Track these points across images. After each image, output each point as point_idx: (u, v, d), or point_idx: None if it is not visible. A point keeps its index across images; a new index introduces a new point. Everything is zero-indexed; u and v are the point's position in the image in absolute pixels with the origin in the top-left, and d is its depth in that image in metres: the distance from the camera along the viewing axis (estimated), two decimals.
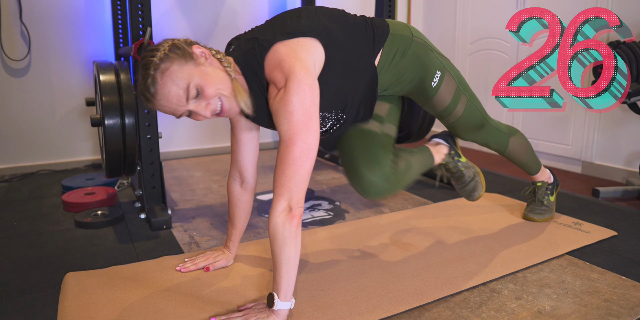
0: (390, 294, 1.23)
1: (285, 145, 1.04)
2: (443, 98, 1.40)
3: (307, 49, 1.11)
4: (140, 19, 1.71)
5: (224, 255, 1.42)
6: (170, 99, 1.05)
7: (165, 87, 1.04)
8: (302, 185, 1.04)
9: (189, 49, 1.09)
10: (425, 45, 1.35)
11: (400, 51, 1.30)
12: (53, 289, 1.31)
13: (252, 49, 1.12)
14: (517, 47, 2.99)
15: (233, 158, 1.35)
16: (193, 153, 3.07)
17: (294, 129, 1.03)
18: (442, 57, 1.39)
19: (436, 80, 1.36)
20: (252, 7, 3.07)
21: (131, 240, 1.66)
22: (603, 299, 1.22)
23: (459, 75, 1.43)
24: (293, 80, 1.04)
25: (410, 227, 1.74)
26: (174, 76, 1.04)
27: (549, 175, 1.81)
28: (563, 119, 2.76)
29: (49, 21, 2.54)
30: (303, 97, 1.03)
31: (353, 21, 1.26)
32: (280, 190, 1.04)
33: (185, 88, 1.05)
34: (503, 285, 1.31)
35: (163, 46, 1.07)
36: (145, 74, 1.05)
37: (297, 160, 1.03)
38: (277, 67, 1.07)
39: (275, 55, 1.09)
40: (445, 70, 1.38)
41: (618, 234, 1.66)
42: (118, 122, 1.62)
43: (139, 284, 1.30)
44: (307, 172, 1.05)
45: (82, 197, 2.00)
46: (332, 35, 1.17)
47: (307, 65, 1.07)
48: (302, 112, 1.03)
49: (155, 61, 1.04)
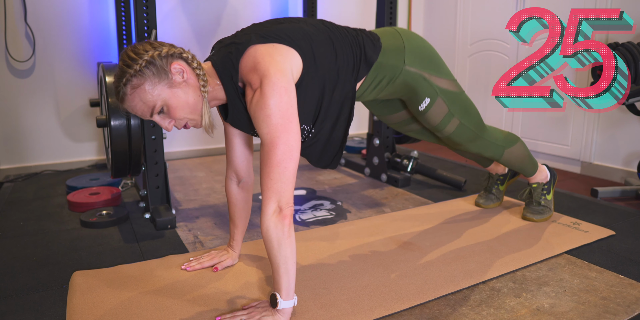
0: (392, 292, 1.26)
1: (267, 148, 1.05)
2: (431, 119, 1.45)
3: (282, 53, 1.10)
4: (145, 21, 1.73)
5: (229, 254, 1.44)
6: (135, 110, 1.11)
7: (133, 101, 1.09)
8: (288, 186, 1.06)
9: (166, 67, 1.08)
10: (417, 74, 1.35)
11: (387, 79, 1.33)
12: (61, 287, 1.33)
13: (229, 53, 1.12)
14: (517, 48, 3.02)
15: (228, 159, 1.37)
16: (195, 153, 3.09)
17: (273, 132, 1.04)
18: (440, 81, 1.39)
19: (424, 106, 1.41)
20: (254, 7, 3.09)
21: (136, 239, 1.68)
22: (600, 297, 1.25)
23: (455, 99, 1.43)
24: (268, 84, 1.04)
25: (411, 226, 1.76)
26: (142, 95, 1.08)
27: (545, 175, 1.83)
28: (562, 119, 2.78)
29: (53, 23, 2.57)
30: (279, 100, 1.04)
31: (339, 35, 1.23)
32: (268, 194, 1.05)
33: (151, 106, 1.09)
34: (502, 283, 1.33)
35: (141, 57, 1.06)
36: (117, 84, 1.09)
37: (281, 163, 1.05)
38: (252, 70, 1.08)
39: (249, 58, 1.09)
40: (436, 97, 1.39)
41: (616, 234, 1.69)
42: (124, 123, 1.64)
43: (146, 282, 1.32)
44: (292, 173, 1.06)
45: (87, 197, 2.02)
46: (312, 45, 1.16)
47: (282, 67, 1.07)
48: (280, 115, 1.04)
49: (129, 74, 1.06)
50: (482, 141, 1.56)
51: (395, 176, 2.33)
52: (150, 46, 1.10)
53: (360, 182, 2.43)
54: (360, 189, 2.31)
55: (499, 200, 1.97)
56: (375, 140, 2.43)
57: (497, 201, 1.97)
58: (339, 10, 3.34)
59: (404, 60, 1.33)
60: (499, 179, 1.96)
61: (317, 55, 1.16)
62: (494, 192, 1.97)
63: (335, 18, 3.13)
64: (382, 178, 2.41)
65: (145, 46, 1.10)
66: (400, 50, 1.33)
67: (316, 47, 1.16)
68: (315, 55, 1.16)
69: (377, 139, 2.41)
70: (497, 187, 1.97)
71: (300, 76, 1.13)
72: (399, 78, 1.34)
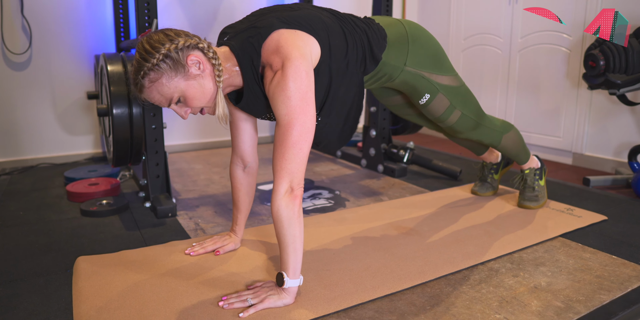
0: (393, 273, 1.29)
1: (284, 129, 1.07)
2: (433, 112, 1.49)
3: (304, 39, 1.12)
4: (146, 10, 1.74)
5: (231, 238, 1.46)
6: (153, 101, 1.14)
7: (151, 93, 1.12)
8: (301, 166, 1.09)
9: (183, 60, 1.09)
10: (416, 74, 1.38)
11: (387, 76, 1.37)
12: (65, 272, 1.34)
13: (250, 37, 1.13)
14: (510, 42, 3.07)
15: (234, 144, 1.39)
16: (192, 147, 3.10)
17: (292, 113, 1.07)
18: (440, 78, 1.42)
19: (424, 100, 1.45)
20: (251, 1, 3.11)
21: (138, 227, 1.69)
22: (595, 275, 1.29)
23: (456, 92, 1.47)
24: (290, 67, 1.06)
25: (409, 213, 1.79)
26: (160, 88, 1.10)
27: (536, 162, 1.89)
28: (554, 111, 2.83)
29: (50, 15, 2.56)
30: (300, 83, 1.06)
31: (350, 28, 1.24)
32: (281, 173, 1.08)
33: (169, 98, 1.12)
34: (501, 264, 1.37)
35: (159, 51, 1.07)
36: (135, 76, 1.11)
37: (297, 144, 1.07)
38: (274, 52, 1.10)
39: (273, 42, 1.11)
40: (436, 93, 1.43)
41: (608, 218, 1.73)
42: (126, 112, 1.65)
43: (150, 266, 1.34)
44: (306, 154, 1.09)
45: (86, 188, 2.03)
46: (329, 36, 1.17)
47: (304, 52, 1.09)
48: (300, 97, 1.06)
49: (147, 68, 1.08)
50: (482, 128, 1.60)
51: (392, 167, 2.36)
52: (167, 38, 1.09)
53: (357, 173, 2.46)
54: (357, 179, 2.34)
55: (495, 189, 2.01)
56: (371, 131, 2.45)
57: (492, 190, 2.01)
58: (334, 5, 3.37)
59: (405, 61, 1.36)
60: (493, 168, 2.01)
61: (332, 46, 1.18)
62: (489, 181, 2.01)
63: None
64: (378, 169, 2.44)
65: (162, 38, 1.09)
66: (404, 51, 1.36)
67: (332, 38, 1.18)
68: (331, 45, 1.18)
69: (374, 131, 2.44)
70: (492, 176, 2.01)
71: (317, 64, 1.16)
72: (398, 77, 1.38)
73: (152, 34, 1.13)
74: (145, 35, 1.14)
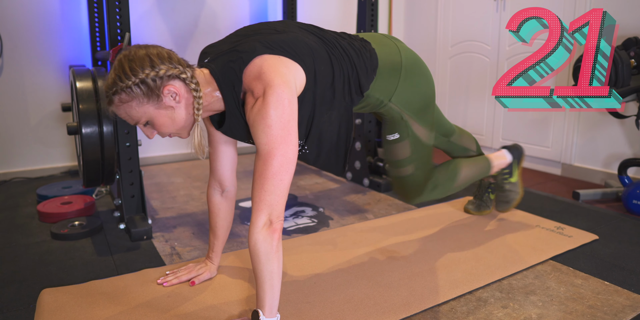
0: (377, 305, 1.22)
1: (264, 159, 1.01)
2: (392, 153, 1.45)
3: (288, 66, 1.06)
4: (118, 23, 1.66)
5: (207, 267, 1.39)
6: (120, 117, 1.11)
7: (118, 111, 1.09)
8: (281, 199, 1.03)
9: (159, 90, 1.04)
10: (398, 113, 1.34)
11: (370, 107, 1.33)
12: (28, 307, 1.26)
13: (231, 61, 1.08)
14: (498, 49, 3.02)
15: (212, 167, 1.32)
16: (173, 158, 3.01)
17: (272, 142, 1.01)
18: (416, 126, 1.38)
19: (391, 137, 1.41)
20: (233, 9, 3.03)
21: (110, 252, 1.61)
22: (588, 306, 1.23)
23: (420, 149, 1.41)
24: (272, 94, 1.00)
25: (394, 233, 1.73)
26: (128, 110, 1.07)
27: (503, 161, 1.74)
28: (543, 121, 2.79)
29: (22, 23, 2.46)
30: (282, 111, 1.00)
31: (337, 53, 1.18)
32: (260, 206, 1.01)
33: (135, 120, 1.10)
34: (489, 293, 1.31)
35: (137, 76, 1.02)
36: (107, 91, 1.08)
37: (277, 175, 1.01)
38: (256, 78, 1.04)
39: (255, 68, 1.05)
40: (405, 138, 1.39)
41: (599, 238, 1.68)
42: (96, 130, 1.57)
43: (119, 299, 1.25)
44: (286, 186, 1.03)
45: (58, 207, 1.93)
46: (315, 63, 1.12)
47: (287, 79, 1.03)
48: (281, 126, 1.01)
49: (119, 88, 1.04)
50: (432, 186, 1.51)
51: (378, 181, 2.30)
52: (149, 63, 1.03)
53: (342, 187, 2.40)
54: (342, 194, 2.27)
55: (489, 208, 1.93)
56: (356, 144, 2.39)
57: (487, 209, 1.93)
58: (319, 12, 3.30)
59: (391, 97, 1.31)
60: (490, 187, 1.91)
61: (318, 72, 1.12)
62: (485, 200, 1.92)
63: (315, 21, 3.09)
64: (364, 183, 2.38)
65: (144, 61, 1.03)
66: (392, 84, 1.30)
67: (318, 64, 1.12)
68: (317, 72, 1.12)
69: (359, 143, 2.38)
70: (488, 195, 1.92)
71: (302, 91, 1.10)
72: (381, 108, 1.35)
73: (136, 50, 1.05)
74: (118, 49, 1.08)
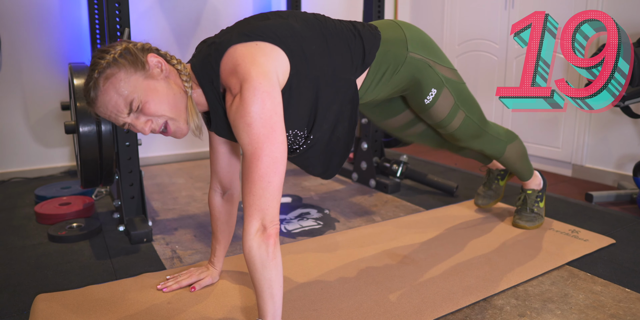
0: (387, 313, 1.16)
1: (249, 161, 0.94)
2: (437, 113, 1.35)
3: (266, 53, 0.99)
4: (117, 19, 1.60)
5: (209, 271, 1.33)
6: (109, 107, 0.99)
7: (107, 94, 0.98)
8: (273, 202, 0.95)
9: (142, 58, 0.99)
10: (422, 61, 1.24)
11: (392, 69, 1.21)
12: (22, 313, 1.20)
13: (209, 55, 1.02)
14: (506, 48, 2.96)
15: (213, 169, 1.26)
16: (175, 158, 2.96)
17: (255, 142, 0.94)
18: (444, 69, 1.30)
19: (430, 98, 1.31)
20: (235, 5, 2.97)
21: (109, 255, 1.55)
22: (609, 314, 1.17)
23: (460, 89, 1.35)
24: (249, 88, 0.93)
25: (403, 236, 1.67)
26: (117, 85, 0.97)
27: (539, 181, 1.78)
28: (553, 121, 2.73)
29: (21, 20, 2.41)
30: (261, 106, 0.93)
31: (333, 30, 1.12)
32: (250, 211, 0.95)
33: (127, 99, 0.98)
34: (505, 300, 1.24)
35: (115, 49, 0.99)
36: (90, 76, 0.99)
37: (264, 177, 0.94)
38: (232, 73, 0.98)
39: (230, 59, 0.99)
40: (442, 86, 1.30)
41: (616, 242, 1.62)
42: (94, 129, 1.51)
43: (116, 306, 1.20)
44: (277, 188, 0.95)
45: (56, 208, 1.88)
46: (302, 43, 1.05)
47: (265, 70, 0.96)
48: (262, 123, 0.93)
49: (102, 64, 0.97)
50: (486, 136, 1.49)
51: (385, 182, 2.24)
52: (124, 41, 1.02)
53: (348, 188, 2.34)
54: (348, 195, 2.21)
55: (498, 197, 1.88)
56: (363, 144, 2.33)
57: (496, 198, 1.88)
58: (323, 6, 3.24)
59: (407, 47, 1.22)
60: (500, 174, 1.88)
61: (309, 53, 1.05)
62: (494, 188, 1.88)
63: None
64: (370, 184, 2.32)
65: (117, 43, 1.02)
66: (402, 39, 1.23)
67: (307, 45, 1.05)
68: (306, 53, 1.05)
69: (365, 143, 2.32)
70: (497, 182, 1.88)
71: (289, 78, 1.02)
72: (402, 67, 1.22)
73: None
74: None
